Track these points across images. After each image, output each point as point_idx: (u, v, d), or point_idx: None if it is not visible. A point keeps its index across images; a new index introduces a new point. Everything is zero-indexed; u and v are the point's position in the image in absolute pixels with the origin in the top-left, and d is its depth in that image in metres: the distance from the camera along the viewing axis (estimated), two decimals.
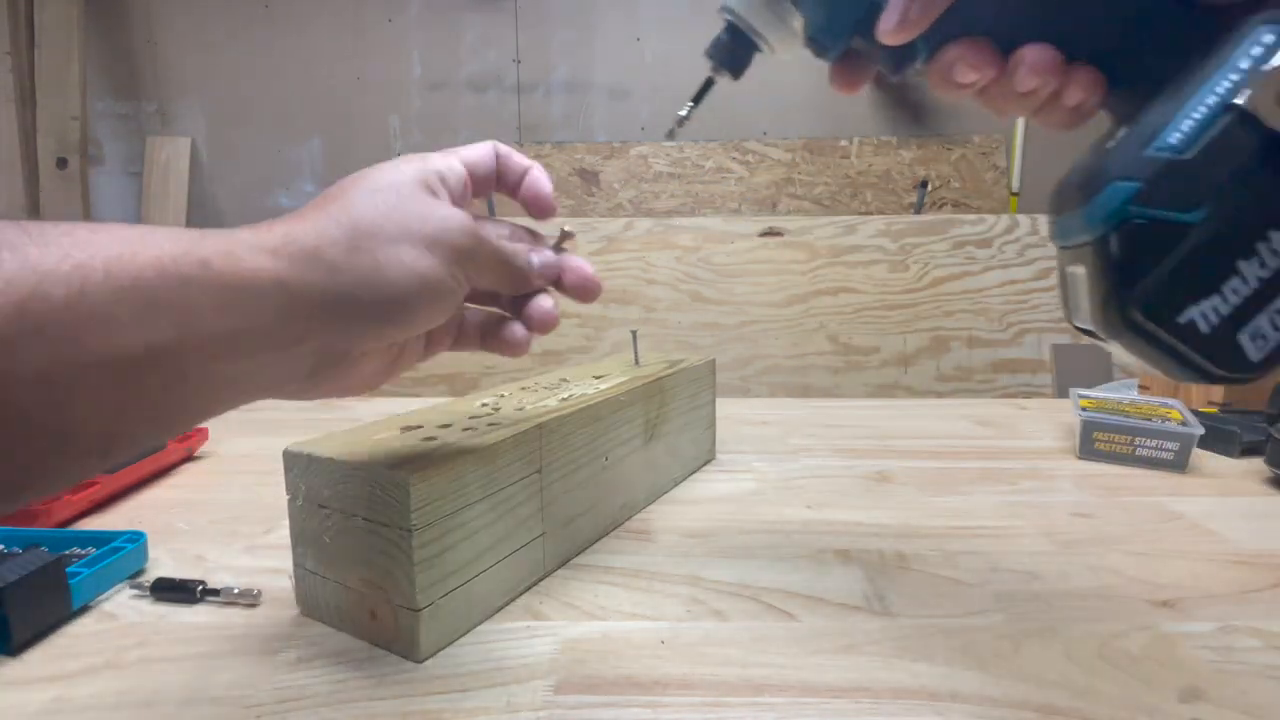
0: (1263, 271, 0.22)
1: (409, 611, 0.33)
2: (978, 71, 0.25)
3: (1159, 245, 0.22)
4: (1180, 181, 0.22)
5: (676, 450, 0.55)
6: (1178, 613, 0.38)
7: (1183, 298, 0.22)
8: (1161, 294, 0.22)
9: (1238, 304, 0.22)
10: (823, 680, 0.32)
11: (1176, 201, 0.22)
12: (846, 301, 1.74)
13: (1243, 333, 0.22)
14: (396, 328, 0.27)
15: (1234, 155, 0.21)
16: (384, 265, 0.25)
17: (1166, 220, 0.22)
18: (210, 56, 2.43)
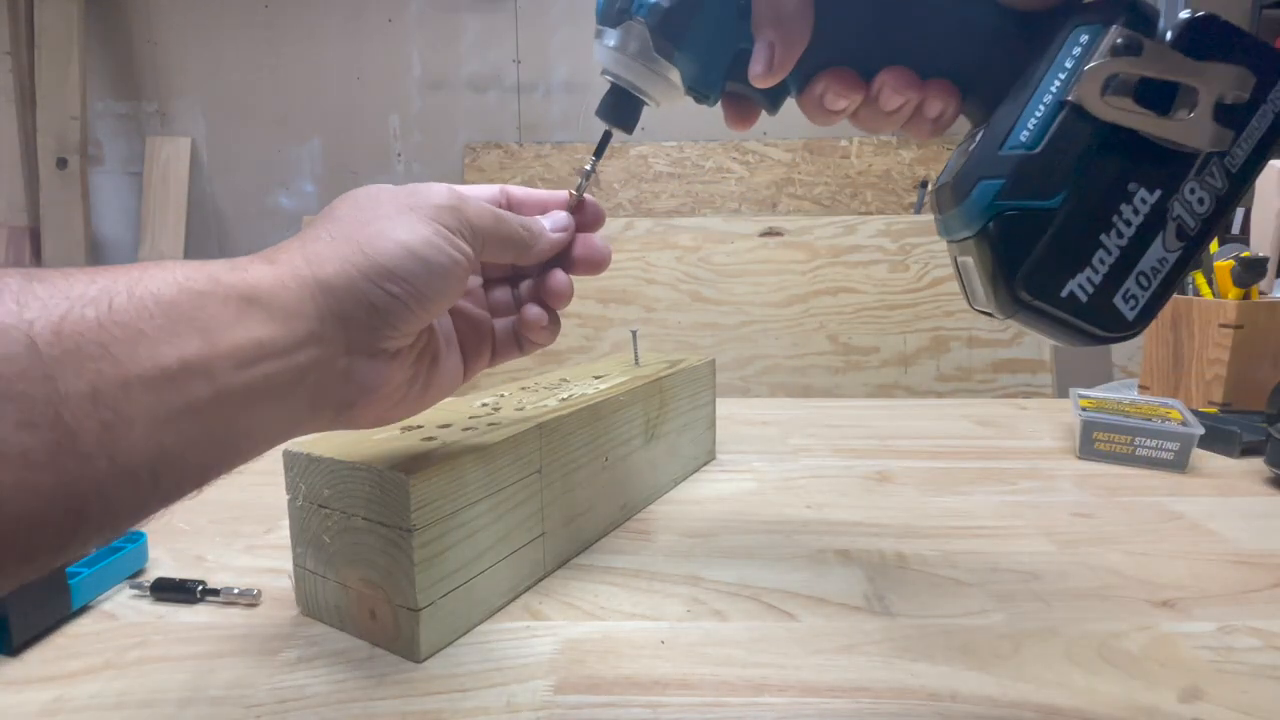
0: (1121, 241, 0.24)
1: (409, 611, 0.33)
2: (845, 98, 0.27)
3: (1031, 231, 0.24)
4: (1036, 173, 0.24)
5: (676, 450, 0.55)
6: (1178, 613, 0.38)
7: (1060, 274, 0.25)
8: (1041, 273, 0.25)
9: (1106, 272, 0.25)
10: (823, 680, 0.32)
11: (1037, 191, 0.24)
12: (846, 301, 1.74)
13: (1117, 296, 0.25)
14: (406, 296, 0.26)
15: (1076, 144, 0.24)
16: (376, 236, 0.26)
17: (1032, 209, 0.24)
18: (210, 56, 2.43)
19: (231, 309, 0.22)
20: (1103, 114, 0.23)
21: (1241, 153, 0.24)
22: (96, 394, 0.19)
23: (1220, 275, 0.77)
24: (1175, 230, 0.24)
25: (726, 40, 0.28)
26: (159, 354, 0.20)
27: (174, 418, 0.20)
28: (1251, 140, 0.24)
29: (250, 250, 0.25)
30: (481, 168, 2.39)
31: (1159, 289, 0.25)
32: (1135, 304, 0.25)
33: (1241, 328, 0.73)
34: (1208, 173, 0.24)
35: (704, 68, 0.29)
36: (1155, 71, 0.23)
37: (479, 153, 2.41)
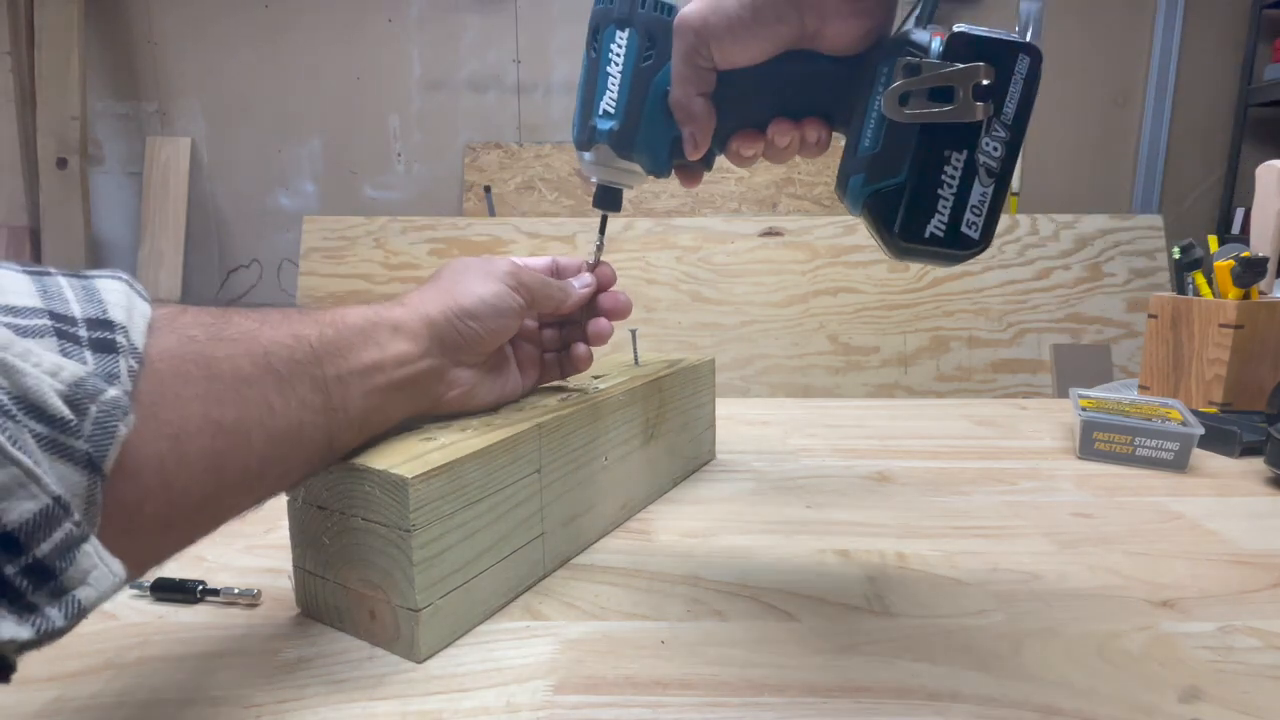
0: (952, 189, 0.34)
1: (408, 612, 0.33)
2: (752, 148, 0.38)
3: (893, 200, 0.35)
4: (882, 164, 0.35)
5: (676, 450, 0.55)
6: (1178, 613, 0.38)
7: (921, 222, 0.34)
8: (908, 225, 0.35)
9: (950, 212, 0.34)
10: (823, 680, 0.32)
11: (887, 174, 0.35)
12: (846, 301, 1.74)
13: (962, 226, 0.35)
14: (481, 332, 0.39)
15: (901, 137, 0.34)
16: (464, 292, 0.39)
17: (888, 186, 0.35)
18: (210, 56, 2.43)
19: (387, 333, 0.36)
20: (905, 119, 0.33)
21: (1010, 111, 0.33)
22: (340, 377, 0.33)
23: (1220, 275, 0.77)
24: (985, 171, 0.34)
25: (663, 136, 0.40)
26: (361, 356, 0.34)
27: (369, 394, 0.34)
28: (1014, 101, 0.33)
29: (249, 250, 0.38)
30: (481, 168, 2.39)
31: (988, 213, 0.35)
32: (975, 228, 0.35)
33: (1241, 328, 0.73)
34: (993, 130, 0.34)
35: (653, 158, 0.41)
36: (930, 82, 0.33)
37: (479, 153, 2.41)
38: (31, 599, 0.21)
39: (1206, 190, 2.57)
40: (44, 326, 0.23)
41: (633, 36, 0.39)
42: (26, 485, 0.20)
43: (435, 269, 0.43)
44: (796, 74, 0.36)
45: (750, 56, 0.35)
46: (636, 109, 0.39)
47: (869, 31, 0.34)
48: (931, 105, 0.33)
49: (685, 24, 0.35)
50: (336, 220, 1.80)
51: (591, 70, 0.40)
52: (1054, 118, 2.45)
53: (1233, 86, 2.48)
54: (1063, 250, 1.76)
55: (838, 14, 0.33)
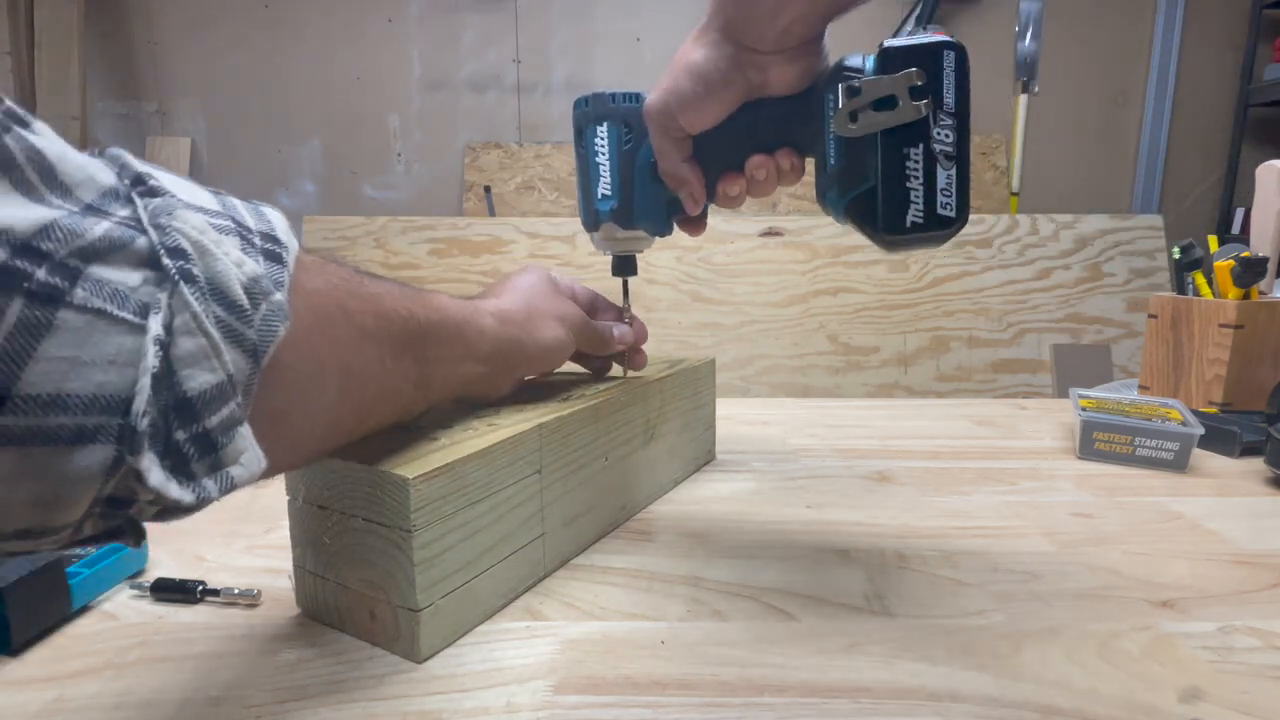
0: (919, 181, 0.38)
1: (409, 612, 0.33)
2: (737, 186, 0.43)
3: (869, 202, 0.39)
4: (852, 174, 0.39)
5: (677, 450, 0.55)
6: (1178, 613, 0.38)
7: (899, 215, 0.38)
8: (889, 220, 0.39)
9: (923, 201, 0.38)
10: (823, 680, 0.32)
11: (857, 182, 0.39)
12: (846, 301, 1.74)
13: (937, 209, 0.38)
14: (534, 366, 0.46)
15: (862, 148, 0.39)
16: (540, 329, 0.44)
17: (861, 191, 0.39)
18: (210, 56, 2.43)
19: (475, 334, 0.39)
20: (858, 134, 0.38)
21: (950, 100, 0.37)
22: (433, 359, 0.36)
23: (1220, 275, 0.77)
24: (943, 157, 0.38)
25: (657, 201, 0.46)
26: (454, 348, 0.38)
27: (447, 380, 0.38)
28: (951, 92, 0.37)
29: None
30: (481, 168, 2.39)
31: (958, 192, 0.38)
32: (950, 207, 0.38)
33: (1241, 328, 0.73)
34: (939, 120, 0.37)
35: (654, 221, 0.47)
36: (870, 96, 0.37)
37: (479, 153, 2.41)
38: (194, 467, 0.23)
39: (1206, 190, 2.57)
40: (229, 226, 0.25)
41: (611, 128, 0.45)
42: (210, 358, 0.22)
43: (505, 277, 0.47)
44: (758, 117, 0.41)
45: (715, 118, 0.41)
46: (629, 185, 0.45)
47: (806, 71, 0.39)
48: (878, 115, 0.37)
49: (653, 111, 0.42)
50: (336, 220, 1.80)
51: (583, 163, 0.46)
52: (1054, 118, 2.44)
53: (1233, 86, 2.48)
54: (1063, 250, 1.76)
55: (774, 65, 0.38)
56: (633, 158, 0.45)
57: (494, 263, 1.73)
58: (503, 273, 1.72)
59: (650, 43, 2.40)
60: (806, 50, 0.38)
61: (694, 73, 0.39)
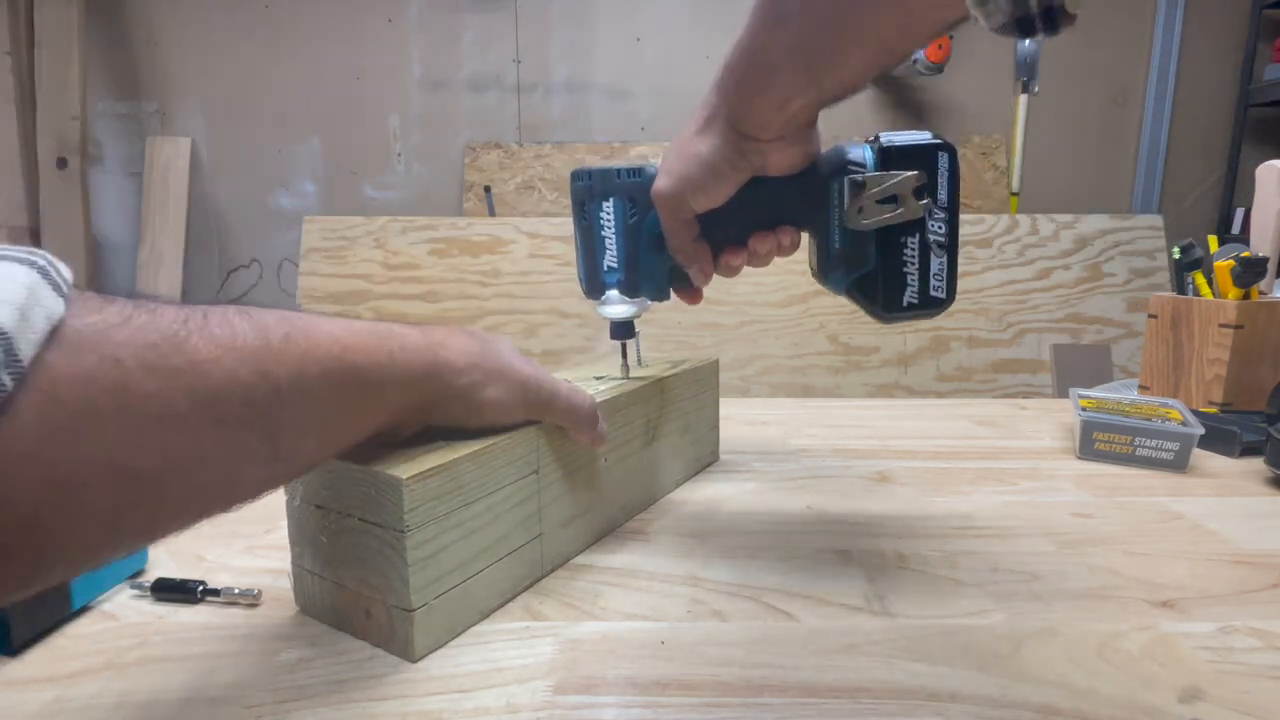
0: (915, 266, 0.43)
1: (403, 612, 0.33)
2: (739, 258, 0.46)
3: (870, 284, 0.44)
4: (853, 258, 0.44)
5: (678, 451, 0.55)
6: (1178, 613, 0.38)
7: (897, 295, 0.43)
8: (887, 300, 0.44)
9: (918, 283, 0.43)
10: (823, 680, 0.32)
11: (859, 266, 0.44)
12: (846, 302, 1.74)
13: (930, 290, 0.43)
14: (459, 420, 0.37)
15: (861, 238, 0.43)
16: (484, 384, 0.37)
17: (862, 274, 0.44)
18: (210, 56, 2.43)
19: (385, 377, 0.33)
20: (867, 227, 0.42)
21: (943, 197, 0.42)
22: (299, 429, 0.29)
23: (1220, 275, 0.77)
24: (936, 246, 0.43)
25: (660, 270, 0.48)
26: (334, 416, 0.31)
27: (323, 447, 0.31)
28: (944, 189, 0.42)
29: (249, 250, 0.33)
30: (481, 168, 2.39)
31: (948, 276, 0.43)
32: (941, 290, 0.43)
33: (1241, 328, 0.73)
34: (934, 215, 0.42)
35: (656, 289, 0.49)
36: (876, 195, 0.41)
37: (479, 153, 2.41)
38: None
39: (1206, 190, 2.57)
40: None
41: (616, 203, 0.47)
42: None
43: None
44: (759, 196, 0.43)
45: (721, 199, 0.43)
46: (634, 257, 0.47)
47: (804, 154, 0.42)
48: (883, 210, 0.41)
49: (663, 196, 0.44)
50: (336, 220, 1.79)
51: (586, 236, 0.48)
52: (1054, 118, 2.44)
53: (1233, 86, 2.47)
54: (1063, 250, 1.76)
55: (774, 151, 0.41)
56: (637, 231, 0.47)
57: (494, 263, 1.73)
58: (503, 273, 1.72)
59: (650, 43, 2.39)
60: (803, 135, 0.41)
61: (703, 163, 0.42)
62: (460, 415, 0.36)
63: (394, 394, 0.33)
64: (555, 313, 1.71)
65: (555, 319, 1.71)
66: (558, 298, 1.71)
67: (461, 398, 0.36)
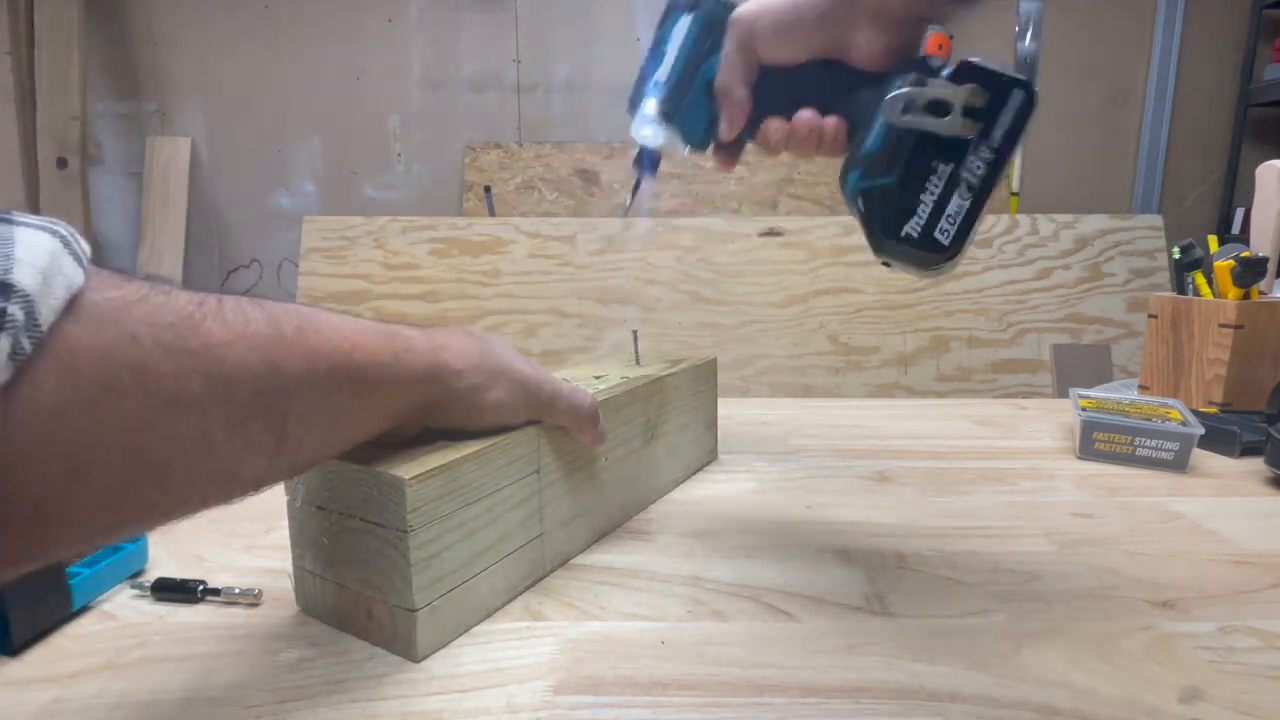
0: (933, 196, 0.38)
1: (405, 612, 0.33)
2: (780, 134, 0.42)
3: (881, 198, 0.40)
4: (878, 164, 0.39)
5: (677, 450, 0.55)
6: (1178, 613, 0.38)
7: (900, 221, 0.39)
8: (886, 221, 0.39)
9: (927, 217, 0.39)
10: (823, 680, 0.32)
11: (880, 174, 0.39)
12: (846, 301, 1.74)
13: (935, 231, 0.39)
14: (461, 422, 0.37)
15: (897, 143, 0.39)
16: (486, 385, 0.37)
17: (879, 184, 0.39)
18: (210, 56, 2.43)
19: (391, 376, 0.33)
20: (902, 124, 0.38)
21: (997, 136, 0.38)
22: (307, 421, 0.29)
23: (1220, 275, 0.77)
24: (965, 186, 0.38)
25: (702, 114, 0.44)
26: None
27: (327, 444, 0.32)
28: (1002, 129, 0.38)
29: (249, 250, 0.32)
30: (481, 168, 2.39)
31: (961, 224, 0.38)
32: (947, 235, 0.39)
33: (1241, 328, 0.73)
34: (978, 151, 0.38)
35: (691, 130, 0.45)
36: (929, 94, 0.38)
37: (479, 153, 2.41)
38: None
39: (1206, 190, 2.57)
40: None
41: (695, 22, 0.43)
42: None
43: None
44: (826, 76, 0.41)
45: (791, 55, 0.40)
46: (685, 84, 0.44)
47: (889, 50, 0.39)
48: (927, 116, 0.38)
49: (741, 18, 0.41)
50: (336, 220, 1.79)
51: (654, 45, 0.45)
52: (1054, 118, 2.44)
53: (1233, 86, 2.47)
54: (1063, 250, 1.76)
55: (866, 29, 0.38)
56: (699, 62, 0.44)
57: (494, 263, 1.73)
58: (503, 273, 1.72)
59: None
60: (901, 30, 0.38)
61: (795, 6, 0.39)
62: (461, 417, 0.36)
63: (398, 395, 0.33)
64: (555, 313, 1.71)
65: (555, 319, 1.71)
66: (558, 298, 1.71)
67: (463, 400, 0.35)
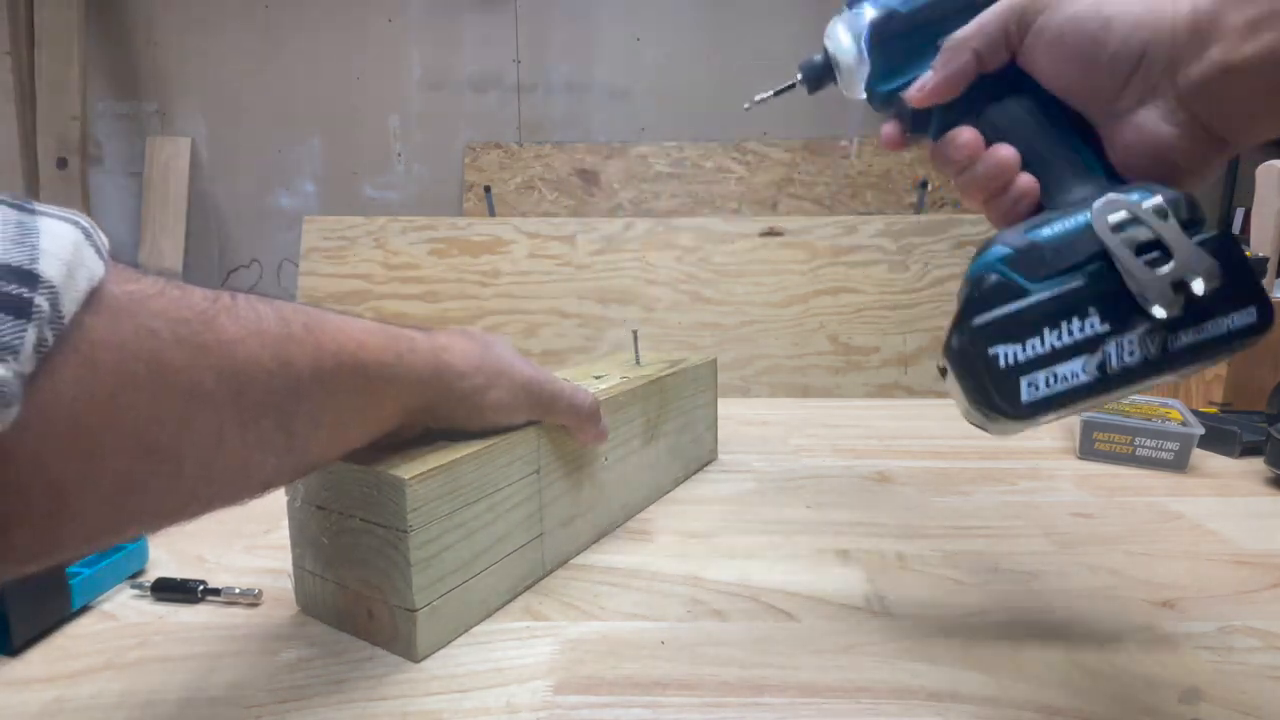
0: (1056, 343, 0.28)
1: (406, 612, 0.33)
2: (968, 150, 0.33)
3: (1004, 296, 0.29)
4: (1035, 259, 0.29)
5: (677, 450, 0.55)
6: (1178, 613, 0.38)
7: (998, 338, 0.29)
8: (985, 328, 0.29)
9: (1030, 358, 0.28)
10: (823, 680, 0.32)
11: (1030, 273, 0.29)
12: (846, 301, 1.74)
13: (1025, 379, 0.28)
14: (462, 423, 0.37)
15: (1071, 255, 0.28)
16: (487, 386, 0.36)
17: (1016, 282, 0.29)
18: (210, 56, 2.43)
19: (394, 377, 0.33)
20: (1098, 233, 0.28)
21: (1183, 339, 0.27)
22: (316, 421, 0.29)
23: None
24: (1098, 362, 0.28)
25: (906, 66, 0.35)
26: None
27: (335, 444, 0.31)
28: (1197, 336, 0.27)
29: (249, 250, 0.31)
30: (481, 168, 2.39)
31: (1057, 395, 0.28)
32: (1033, 394, 0.28)
33: None
34: (1150, 338, 0.27)
35: (884, 72, 0.36)
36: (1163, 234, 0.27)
37: (479, 153, 2.41)
38: None
39: (1207, 190, 2.57)
40: None
41: None
42: None
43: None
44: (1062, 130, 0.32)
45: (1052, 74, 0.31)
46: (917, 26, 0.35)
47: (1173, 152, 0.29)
48: (1137, 255, 0.27)
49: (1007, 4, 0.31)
50: (336, 220, 1.79)
51: None
52: None
53: None
54: None
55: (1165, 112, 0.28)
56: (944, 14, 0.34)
57: (494, 263, 1.73)
58: (503, 273, 1.72)
59: (650, 43, 2.39)
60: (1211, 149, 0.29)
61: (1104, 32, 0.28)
62: (463, 418, 0.36)
63: (402, 395, 0.33)
64: (555, 313, 1.71)
65: (555, 319, 1.71)
66: (558, 298, 1.71)
67: (464, 401, 0.35)
